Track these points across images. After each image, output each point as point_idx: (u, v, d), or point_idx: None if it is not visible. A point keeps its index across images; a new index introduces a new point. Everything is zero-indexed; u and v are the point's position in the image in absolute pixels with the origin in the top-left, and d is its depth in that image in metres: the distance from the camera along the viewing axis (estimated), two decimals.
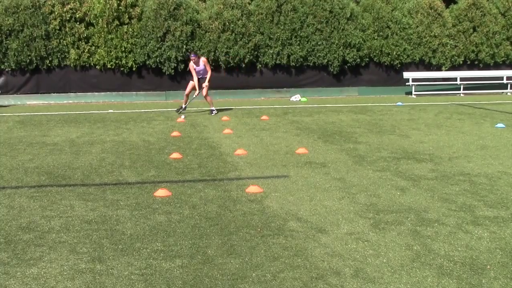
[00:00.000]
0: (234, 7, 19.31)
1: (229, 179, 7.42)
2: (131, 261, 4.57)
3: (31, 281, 4.21)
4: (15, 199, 6.50)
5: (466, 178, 7.36)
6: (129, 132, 11.62)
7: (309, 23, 19.79)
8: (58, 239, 5.11)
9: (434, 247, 4.85)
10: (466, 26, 20.97)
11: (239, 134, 11.30)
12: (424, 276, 4.25)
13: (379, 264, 4.49)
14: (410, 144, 9.92)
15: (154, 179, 7.44)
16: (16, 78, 18.88)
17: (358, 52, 20.27)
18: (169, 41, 18.78)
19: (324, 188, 6.91)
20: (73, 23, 18.59)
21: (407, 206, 6.11)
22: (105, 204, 6.27)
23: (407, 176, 7.50)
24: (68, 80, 19.17)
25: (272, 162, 8.49)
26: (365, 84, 20.98)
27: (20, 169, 8.13)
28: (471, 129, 11.67)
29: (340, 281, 4.17)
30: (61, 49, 18.71)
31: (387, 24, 20.38)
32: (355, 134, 11.08)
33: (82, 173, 7.81)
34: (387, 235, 5.16)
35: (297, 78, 20.36)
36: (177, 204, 6.24)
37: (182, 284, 4.15)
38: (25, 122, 13.45)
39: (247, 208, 6.07)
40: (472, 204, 6.17)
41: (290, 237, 5.11)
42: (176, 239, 5.09)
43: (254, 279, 4.21)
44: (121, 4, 18.53)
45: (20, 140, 10.66)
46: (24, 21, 18.26)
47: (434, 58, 20.91)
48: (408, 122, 12.75)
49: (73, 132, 11.66)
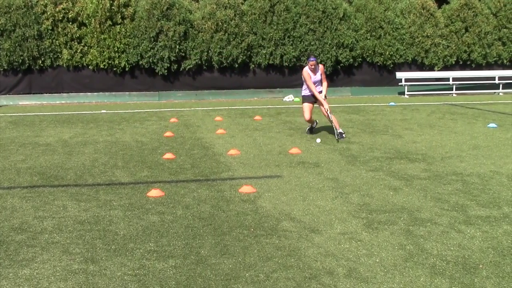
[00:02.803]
0: (227, 7, 19.30)
1: (222, 179, 7.41)
2: (124, 262, 4.56)
3: (24, 282, 4.20)
4: (8, 199, 6.47)
5: (459, 177, 7.38)
6: (122, 132, 11.59)
7: (302, 23, 19.81)
8: (51, 240, 5.09)
9: (426, 247, 4.86)
10: (459, 26, 21.04)
11: (232, 134, 11.29)
12: (417, 276, 4.26)
13: (372, 264, 4.50)
14: (403, 144, 9.94)
15: (147, 179, 7.43)
16: (8, 78, 18.80)
17: (351, 52, 20.31)
18: (162, 41, 18.76)
19: (317, 188, 6.91)
20: (66, 23, 18.53)
21: (400, 206, 6.13)
22: (98, 204, 6.26)
23: (400, 176, 7.52)
24: (60, 80, 19.11)
25: (265, 162, 8.49)
26: (358, 84, 21.01)
27: (12, 169, 8.10)
28: (463, 129, 11.71)
29: (333, 281, 4.18)
30: (54, 49, 18.65)
31: (380, 24, 20.42)
32: (348, 134, 11.09)
33: (75, 174, 7.79)
34: (380, 235, 5.17)
35: (290, 78, 20.37)
36: (170, 204, 6.24)
37: (176, 284, 4.14)
38: (17, 123, 13.40)
39: (240, 208, 6.07)
40: (464, 203, 6.19)
41: (283, 237, 5.12)
42: (169, 239, 5.09)
43: (248, 279, 4.21)
44: (113, 4, 18.49)
45: (12, 141, 10.62)
46: (16, 21, 18.18)
47: (426, 58, 20.97)
48: (401, 122, 12.78)
49: (66, 133, 11.62)
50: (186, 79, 19.68)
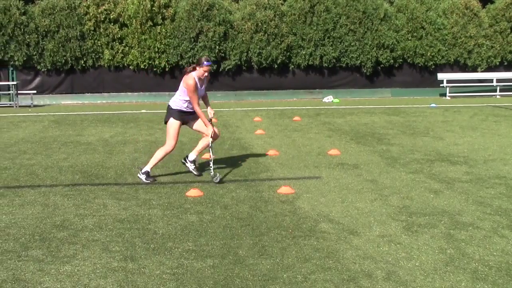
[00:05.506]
0: (267, 8, 19.31)
1: (260, 180, 7.41)
2: (162, 260, 4.59)
3: (65, 278, 4.27)
4: (50, 197, 6.59)
5: (502, 181, 7.22)
6: (161, 132, 11.69)
7: (342, 23, 19.69)
8: (91, 238, 5.16)
9: (468, 251, 4.76)
10: (504, 26, 20.61)
11: (271, 134, 11.29)
12: (458, 281, 4.18)
13: (412, 267, 4.43)
14: (444, 146, 9.78)
15: (186, 179, 7.47)
16: (51, 78, 19.20)
17: (392, 53, 20.09)
18: (202, 42, 18.88)
19: (356, 189, 6.85)
20: (108, 24, 18.83)
21: (440, 209, 6.03)
22: (138, 203, 6.32)
23: (440, 178, 7.39)
24: (102, 80, 19.42)
25: (304, 163, 8.46)
26: (398, 85, 20.77)
27: (54, 167, 8.25)
28: (507, 131, 11.45)
29: (372, 284, 4.13)
30: (96, 49, 18.96)
31: (421, 24, 20.15)
32: (388, 135, 10.97)
33: (115, 172, 7.89)
34: (420, 238, 5.09)
35: (329, 79, 20.28)
36: (208, 204, 6.26)
37: (213, 284, 4.15)
38: (59, 122, 13.65)
39: (279, 209, 6.05)
40: (508, 207, 6.05)
41: (322, 239, 5.08)
42: (207, 239, 5.10)
43: (285, 280, 4.20)
44: (154, 5, 18.69)
45: (55, 139, 10.82)
46: (60, 22, 18.56)
47: (469, 59, 20.60)
48: (442, 124, 12.58)
49: (106, 132, 11.79)
50: (226, 79, 19.76)
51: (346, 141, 10.40)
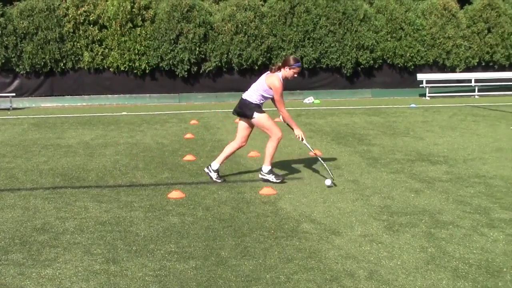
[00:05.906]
0: (247, 9, 19.32)
1: (242, 181, 7.42)
2: (145, 263, 4.58)
3: (46, 282, 4.23)
4: (30, 200, 6.54)
5: (481, 180, 7.30)
6: (142, 134, 11.65)
7: (322, 24, 19.76)
8: (73, 240, 5.13)
9: (449, 250, 4.81)
10: (481, 27, 20.82)
11: (252, 136, 11.26)
12: (439, 279, 4.22)
13: (393, 266, 4.47)
14: (424, 146, 9.86)
15: (168, 181, 7.45)
16: (30, 80, 19.03)
17: (371, 54, 20.21)
18: (182, 43, 18.84)
19: (337, 190, 6.88)
20: (87, 25, 18.71)
21: (421, 208, 6.08)
22: (119, 205, 6.29)
23: (421, 178, 7.46)
24: (82, 83, 19.29)
25: (286, 164, 8.48)
26: (378, 86, 20.89)
27: (35, 171, 8.18)
28: (486, 131, 11.58)
29: (354, 283, 4.15)
30: (75, 51, 18.83)
31: (400, 25, 20.29)
32: (369, 136, 11.04)
33: (96, 175, 7.84)
34: (401, 237, 5.13)
35: (310, 80, 20.34)
36: (190, 205, 6.25)
37: (196, 285, 4.15)
38: (39, 125, 13.54)
39: (261, 210, 6.06)
40: (487, 206, 6.12)
41: (304, 239, 5.10)
42: (189, 240, 5.10)
43: (268, 281, 4.20)
44: (134, 6, 18.61)
45: (34, 142, 10.73)
46: (39, 24, 18.41)
47: (448, 60, 20.80)
48: (422, 124, 12.68)
49: (87, 134, 11.71)
50: (206, 81, 19.74)
51: (327, 142, 10.45)
